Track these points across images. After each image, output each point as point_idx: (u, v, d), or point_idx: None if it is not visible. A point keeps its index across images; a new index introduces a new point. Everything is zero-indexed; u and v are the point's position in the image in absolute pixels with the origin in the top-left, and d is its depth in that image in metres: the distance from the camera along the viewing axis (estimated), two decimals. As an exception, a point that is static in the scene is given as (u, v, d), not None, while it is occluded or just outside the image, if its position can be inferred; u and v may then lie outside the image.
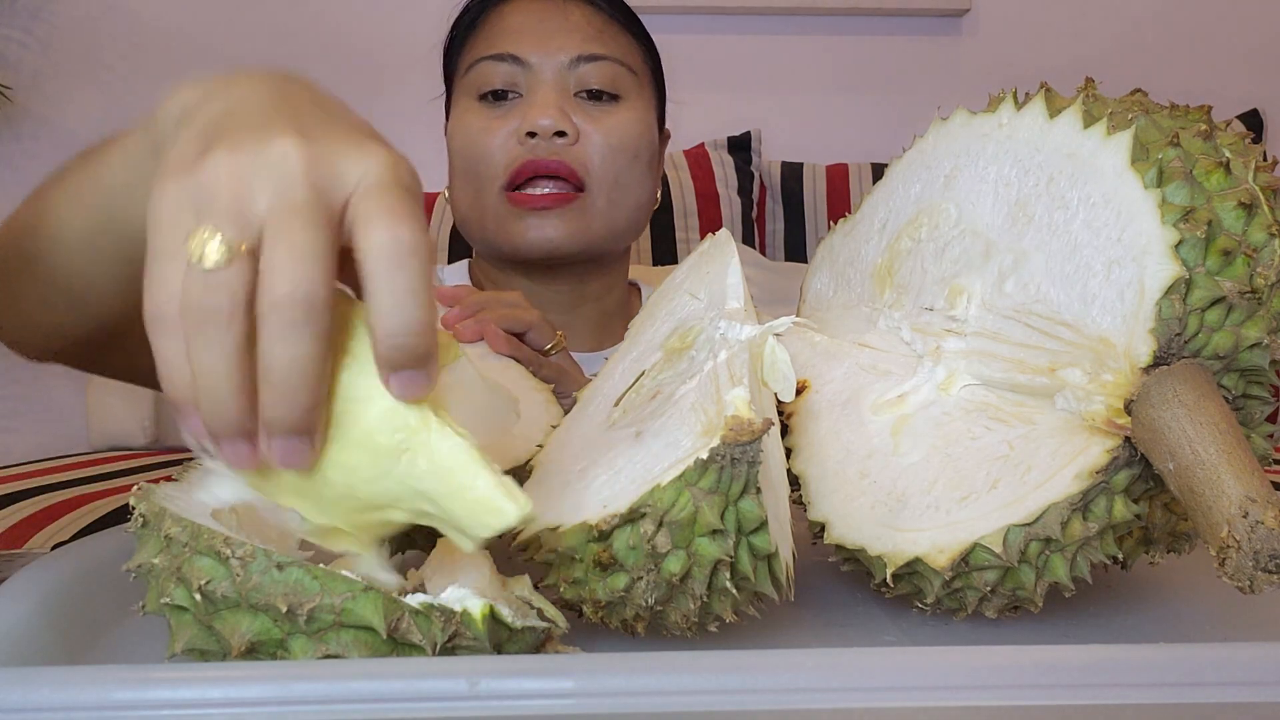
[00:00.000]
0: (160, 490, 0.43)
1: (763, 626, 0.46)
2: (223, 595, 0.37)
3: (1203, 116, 0.46)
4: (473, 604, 0.38)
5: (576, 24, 1.01)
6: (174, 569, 0.38)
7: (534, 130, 0.96)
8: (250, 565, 0.37)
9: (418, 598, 0.38)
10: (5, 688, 0.32)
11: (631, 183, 1.01)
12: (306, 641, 0.37)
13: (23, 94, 2.06)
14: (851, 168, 1.94)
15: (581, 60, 0.99)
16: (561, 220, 0.97)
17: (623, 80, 1.01)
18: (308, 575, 0.37)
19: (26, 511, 1.20)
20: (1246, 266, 0.43)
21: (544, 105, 0.96)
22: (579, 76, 0.99)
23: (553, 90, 0.98)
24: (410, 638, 0.37)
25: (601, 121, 0.99)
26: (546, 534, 0.43)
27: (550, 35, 0.99)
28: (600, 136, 0.98)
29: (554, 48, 0.99)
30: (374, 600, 0.37)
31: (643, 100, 1.04)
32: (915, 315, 0.53)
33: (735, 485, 0.40)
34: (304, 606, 0.36)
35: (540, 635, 0.40)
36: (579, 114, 0.99)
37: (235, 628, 0.37)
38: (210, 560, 0.37)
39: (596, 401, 0.53)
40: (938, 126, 0.55)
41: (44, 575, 0.46)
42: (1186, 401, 0.42)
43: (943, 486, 0.46)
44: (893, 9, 2.09)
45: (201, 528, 0.38)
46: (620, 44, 1.03)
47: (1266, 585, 0.39)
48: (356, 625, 0.37)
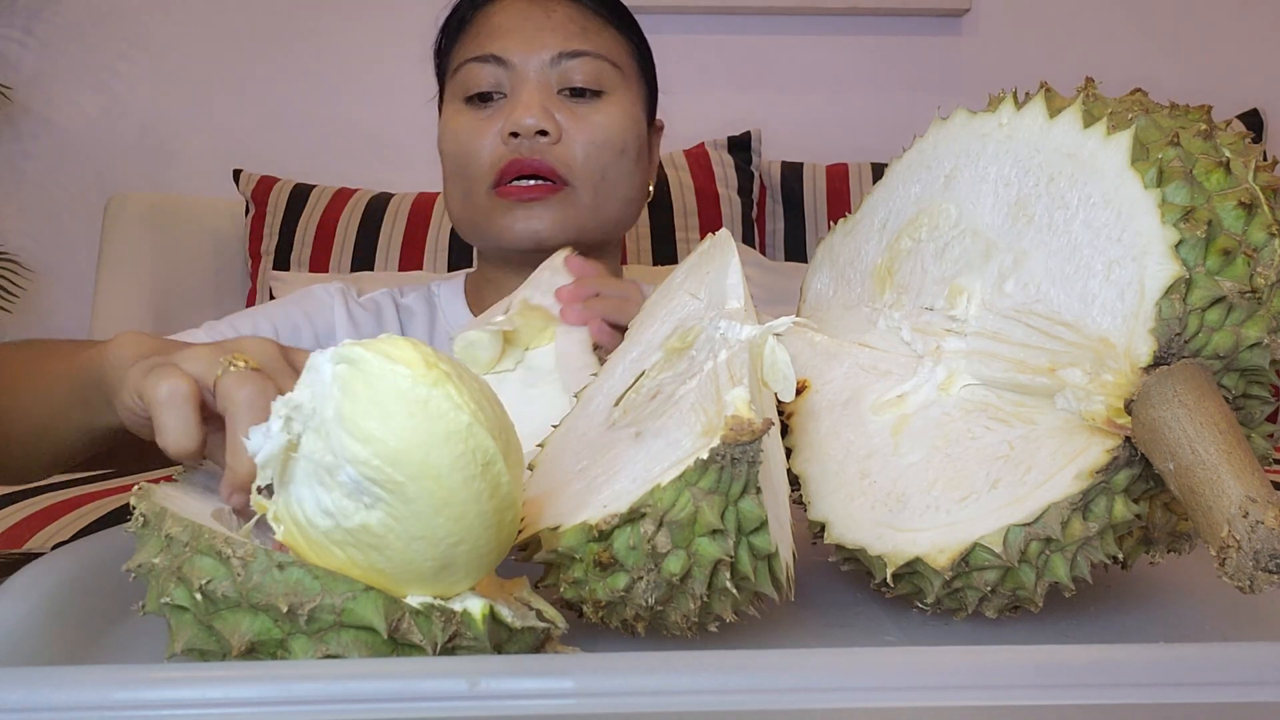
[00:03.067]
0: (160, 490, 0.43)
1: (763, 626, 0.46)
2: (223, 595, 0.37)
3: (1203, 116, 0.46)
4: (473, 604, 0.38)
5: (559, 22, 1.02)
6: (174, 569, 0.38)
7: (517, 130, 0.97)
8: (251, 565, 0.37)
9: (418, 598, 0.38)
10: (5, 688, 0.32)
11: (618, 177, 1.02)
12: (307, 641, 0.37)
13: (23, 94, 2.06)
14: (851, 168, 1.94)
15: (563, 57, 1.00)
16: (548, 211, 0.99)
17: (606, 76, 1.02)
18: (308, 575, 0.37)
19: (26, 511, 1.20)
20: (1246, 266, 0.43)
21: (527, 105, 0.98)
22: (561, 74, 1.00)
23: (535, 89, 0.99)
24: (411, 638, 0.37)
25: (585, 119, 1.00)
26: (546, 534, 0.43)
27: (533, 34, 1.01)
28: (583, 134, 0.99)
29: (536, 46, 1.00)
30: (374, 600, 0.37)
31: (629, 94, 1.04)
32: (915, 315, 0.53)
33: (735, 485, 0.40)
34: (305, 606, 0.36)
35: (540, 636, 0.40)
36: (562, 112, 1.00)
37: (235, 627, 0.37)
38: (211, 560, 0.37)
39: (597, 401, 0.53)
40: (938, 126, 0.55)
41: (44, 575, 0.46)
42: (1187, 401, 0.42)
43: (943, 486, 0.46)
44: (893, 9, 2.09)
45: (202, 527, 0.38)
46: (604, 39, 1.03)
47: (1266, 585, 0.39)
48: (357, 625, 0.37)
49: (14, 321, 2.07)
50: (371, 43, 2.11)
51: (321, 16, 2.10)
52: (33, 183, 2.10)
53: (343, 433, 0.36)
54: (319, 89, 2.09)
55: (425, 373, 0.37)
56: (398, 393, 0.37)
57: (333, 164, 2.07)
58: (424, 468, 0.36)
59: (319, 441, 0.37)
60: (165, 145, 2.11)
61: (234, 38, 2.10)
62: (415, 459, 0.36)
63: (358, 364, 0.37)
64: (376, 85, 2.11)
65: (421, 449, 0.36)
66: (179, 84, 2.10)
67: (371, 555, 0.38)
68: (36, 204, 2.10)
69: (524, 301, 0.70)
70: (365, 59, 2.10)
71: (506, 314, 0.67)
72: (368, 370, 0.37)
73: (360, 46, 2.10)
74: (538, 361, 0.66)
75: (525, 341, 0.67)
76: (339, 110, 2.09)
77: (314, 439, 0.37)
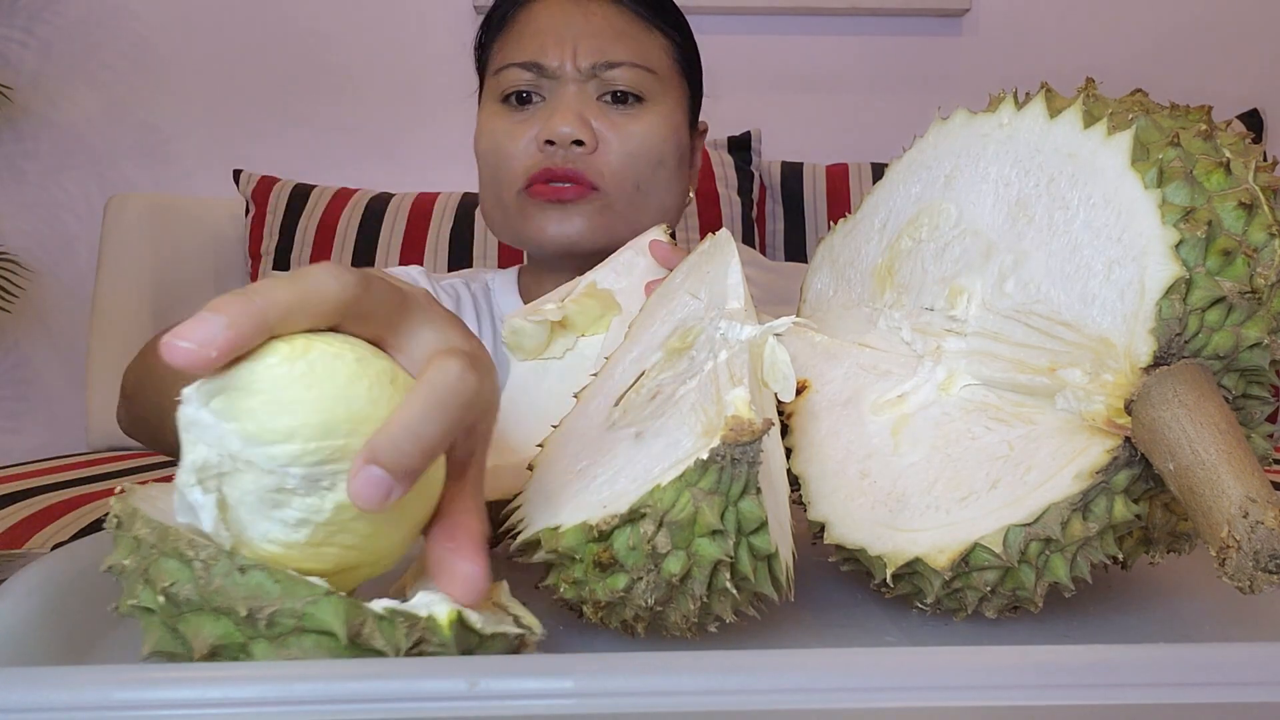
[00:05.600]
0: (141, 491, 0.42)
1: (763, 626, 0.46)
2: (186, 598, 0.36)
3: (1203, 117, 0.46)
4: (439, 609, 0.37)
5: (599, 27, 1.01)
6: (142, 570, 0.37)
7: (553, 139, 0.97)
8: (213, 568, 0.36)
9: (382, 603, 0.37)
10: (5, 688, 0.32)
11: (655, 186, 1.01)
12: (268, 646, 0.36)
13: (23, 94, 2.07)
14: (851, 168, 1.94)
15: (601, 67, 1.00)
16: (581, 216, 0.98)
17: (646, 84, 1.01)
18: (269, 579, 0.36)
19: (26, 511, 1.20)
20: (1247, 266, 0.43)
21: (564, 114, 0.97)
22: (601, 81, 1.00)
23: (573, 97, 0.99)
24: (373, 643, 0.36)
25: (622, 128, 0.99)
26: (546, 534, 0.43)
27: (573, 39, 1.00)
28: (620, 144, 0.99)
29: (575, 53, 0.99)
30: (335, 605, 0.36)
31: (669, 100, 1.04)
32: (915, 315, 0.53)
33: (735, 486, 0.40)
34: (264, 610, 0.36)
35: (514, 642, 0.39)
36: (601, 120, 0.99)
37: (198, 631, 0.36)
38: (175, 562, 0.37)
39: (596, 401, 0.53)
40: (938, 126, 0.55)
41: (44, 575, 0.46)
42: (1187, 401, 0.42)
43: (943, 486, 0.46)
44: (893, 9, 2.09)
45: (169, 529, 0.37)
46: (644, 45, 1.03)
47: (1266, 585, 0.39)
48: (318, 630, 0.36)
49: (14, 321, 2.07)
50: (372, 43, 2.11)
51: (322, 16, 2.10)
52: (33, 183, 2.10)
53: (262, 448, 0.36)
54: (319, 89, 2.09)
55: (289, 347, 0.37)
56: (281, 379, 0.36)
57: (333, 164, 2.07)
58: (351, 417, 0.37)
59: (244, 476, 0.37)
60: (165, 145, 2.11)
61: (234, 37, 2.10)
62: (340, 415, 0.36)
63: (226, 388, 0.37)
64: (377, 85, 2.11)
65: (339, 403, 0.37)
66: (179, 84, 2.10)
67: (363, 528, 0.38)
68: (36, 204, 2.10)
69: (591, 285, 0.66)
70: (366, 59, 2.11)
71: (562, 301, 0.64)
72: (241, 383, 0.37)
73: (361, 46, 2.11)
74: (589, 350, 0.64)
75: (580, 328, 0.64)
76: (339, 110, 2.09)
77: (237, 479, 0.37)
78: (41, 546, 1.12)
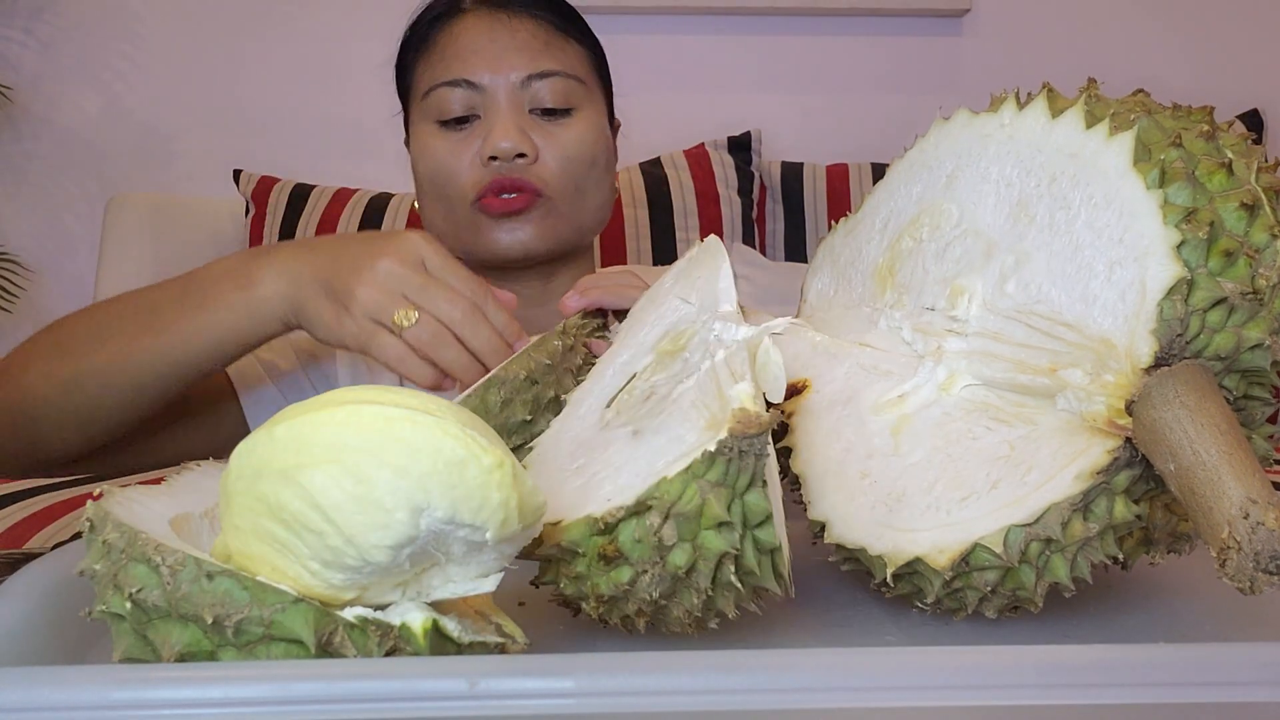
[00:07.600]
0: (118, 494, 0.42)
1: (763, 626, 0.46)
2: (153, 604, 0.36)
3: (1205, 117, 0.46)
4: (414, 617, 0.37)
5: (524, 40, 1.05)
6: (112, 575, 0.37)
7: (496, 154, 1.01)
8: (180, 574, 0.36)
9: (354, 611, 0.36)
10: (5, 688, 0.32)
11: (591, 186, 1.07)
12: (236, 654, 0.36)
13: (23, 94, 2.06)
14: (851, 168, 1.94)
15: (533, 79, 1.03)
16: (530, 223, 1.04)
17: (574, 93, 1.06)
18: (238, 585, 0.35)
19: (26, 511, 1.20)
20: (1248, 267, 0.43)
21: (503, 129, 1.01)
22: (532, 95, 1.04)
23: (509, 112, 1.03)
24: (344, 652, 0.36)
25: (557, 136, 1.04)
26: (547, 529, 0.43)
27: (501, 55, 1.04)
28: (557, 150, 1.04)
29: (505, 67, 1.03)
30: (304, 613, 0.35)
31: (594, 106, 1.09)
32: (916, 315, 0.53)
33: (742, 478, 0.40)
34: (231, 618, 0.35)
35: (494, 651, 0.38)
36: (536, 131, 1.04)
37: (166, 638, 0.36)
38: (143, 567, 0.36)
39: (587, 403, 0.53)
40: (939, 126, 0.55)
41: (44, 575, 0.46)
42: (1188, 402, 0.42)
43: (943, 486, 0.46)
44: (893, 9, 2.09)
45: (137, 533, 0.37)
46: (568, 54, 1.07)
47: (1267, 586, 0.39)
48: (286, 638, 0.35)
49: (14, 321, 2.07)
50: (373, 43, 2.11)
51: (322, 16, 2.10)
52: (33, 183, 2.10)
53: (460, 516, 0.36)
54: (320, 89, 2.09)
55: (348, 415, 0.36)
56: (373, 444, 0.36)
57: (333, 164, 2.07)
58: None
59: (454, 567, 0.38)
60: (165, 145, 2.10)
61: (235, 37, 2.10)
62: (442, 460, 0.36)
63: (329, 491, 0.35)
64: (378, 85, 2.10)
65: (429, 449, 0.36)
66: (179, 84, 2.09)
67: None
68: (36, 204, 2.10)
69: None
70: (367, 59, 2.10)
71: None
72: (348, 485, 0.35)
73: (362, 46, 2.10)
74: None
75: None
76: (340, 111, 2.09)
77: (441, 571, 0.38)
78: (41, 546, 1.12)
